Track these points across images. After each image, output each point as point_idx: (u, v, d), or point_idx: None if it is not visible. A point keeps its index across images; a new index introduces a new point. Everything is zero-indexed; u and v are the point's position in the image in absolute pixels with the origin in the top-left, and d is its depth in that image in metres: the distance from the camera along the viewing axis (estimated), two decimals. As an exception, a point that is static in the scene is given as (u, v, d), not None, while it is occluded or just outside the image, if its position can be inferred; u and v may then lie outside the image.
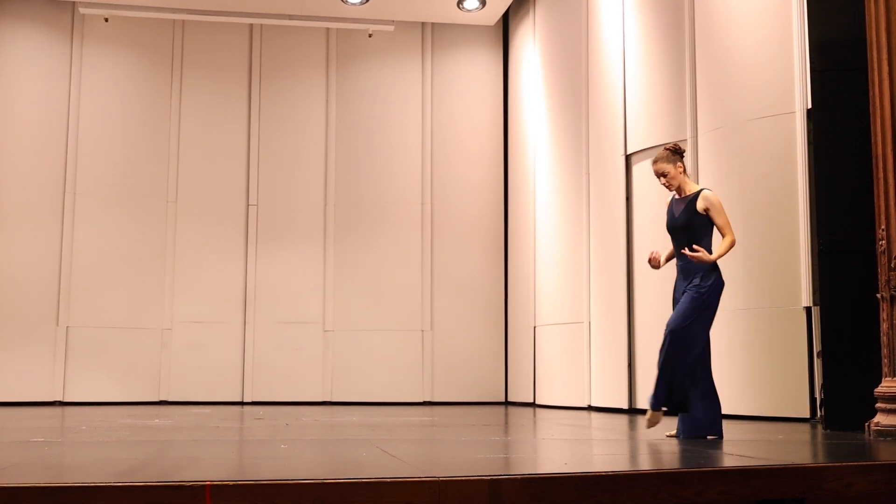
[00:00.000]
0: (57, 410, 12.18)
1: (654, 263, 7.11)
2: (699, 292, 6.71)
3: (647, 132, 11.20)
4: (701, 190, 6.90)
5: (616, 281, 11.61)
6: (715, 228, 6.84)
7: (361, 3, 14.31)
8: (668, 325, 6.78)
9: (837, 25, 8.27)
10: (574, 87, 12.92)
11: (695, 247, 6.67)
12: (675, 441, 6.51)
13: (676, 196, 7.04)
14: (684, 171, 6.98)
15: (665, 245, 10.14)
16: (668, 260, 7.19)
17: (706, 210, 6.79)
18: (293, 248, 14.71)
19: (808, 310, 8.97)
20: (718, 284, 6.75)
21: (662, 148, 7.11)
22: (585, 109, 12.59)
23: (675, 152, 6.97)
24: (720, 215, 6.78)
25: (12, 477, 4.25)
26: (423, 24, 15.41)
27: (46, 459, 5.29)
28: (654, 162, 7.06)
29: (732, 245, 6.71)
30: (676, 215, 6.97)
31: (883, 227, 6.90)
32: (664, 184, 7.00)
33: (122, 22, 14.58)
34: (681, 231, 6.91)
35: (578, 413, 11.51)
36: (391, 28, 14.97)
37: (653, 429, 6.82)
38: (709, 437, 6.54)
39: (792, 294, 9.12)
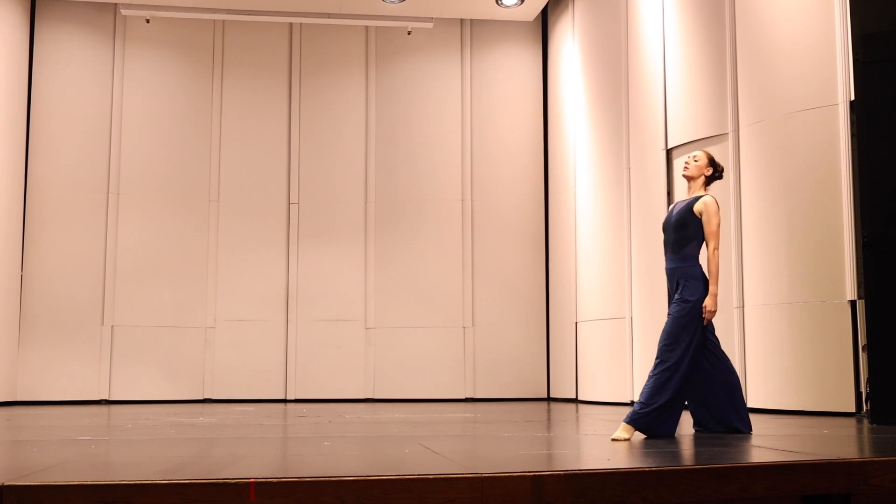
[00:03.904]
0: (103, 409, 12.29)
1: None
2: (683, 306, 6.76)
3: (688, 126, 11.13)
4: (704, 194, 6.97)
5: (657, 276, 11.53)
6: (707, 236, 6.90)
7: (400, 1, 14.32)
8: (659, 343, 6.79)
9: (880, 16, 8.18)
10: (614, 82, 12.86)
11: (705, 307, 6.72)
12: (718, 436, 6.47)
13: (684, 196, 7.17)
14: (707, 182, 7.06)
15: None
16: None
17: (700, 213, 6.86)
18: (334, 245, 14.76)
19: (853, 303, 8.89)
20: (703, 296, 6.77)
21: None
22: (625, 104, 12.53)
23: (715, 163, 7.12)
24: (711, 222, 6.83)
25: (60, 475, 4.30)
26: (461, 20, 15.40)
27: (93, 457, 5.34)
28: (699, 150, 7.29)
29: (716, 257, 6.78)
30: (674, 213, 7.06)
31: (928, 219, 6.82)
32: (686, 165, 7.08)
33: (164, 23, 14.69)
34: (672, 228, 6.99)
35: (621, 408, 11.46)
36: (430, 25, 14.97)
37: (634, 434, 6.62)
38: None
39: (836, 288, 9.03)
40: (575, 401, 13.53)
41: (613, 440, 6.26)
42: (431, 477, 4.10)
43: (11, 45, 13.65)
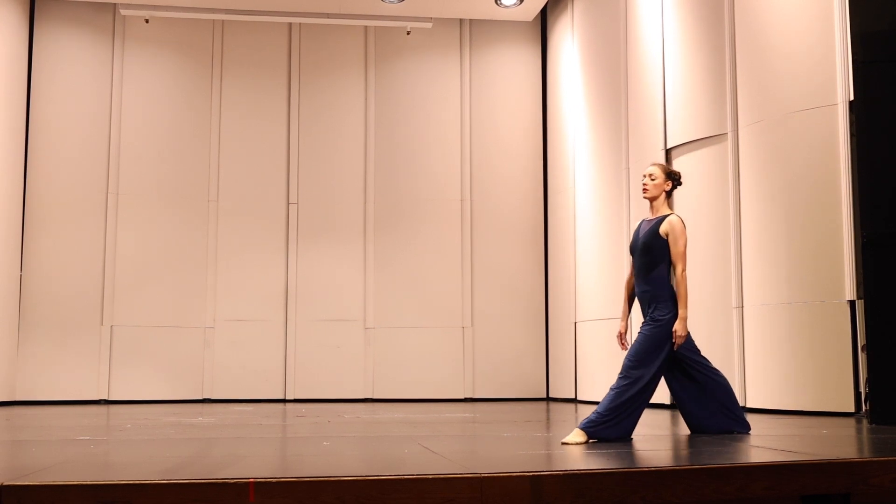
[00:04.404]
0: (102, 409, 12.30)
1: (621, 340, 7.04)
2: (653, 325, 6.63)
3: (688, 126, 11.13)
4: (669, 214, 6.83)
5: (657, 276, 11.54)
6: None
7: (399, 1, 14.32)
8: (625, 360, 6.64)
9: (880, 16, 8.18)
10: (613, 82, 12.86)
11: (675, 332, 6.57)
12: (717, 436, 6.47)
13: (647, 217, 7.00)
14: (668, 195, 6.94)
15: (698, 244, 10.09)
16: (630, 300, 7.11)
17: (666, 234, 6.71)
18: (333, 245, 14.76)
19: (852, 303, 8.89)
20: (674, 317, 6.63)
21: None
22: (625, 104, 12.53)
23: (674, 174, 7.00)
24: (677, 243, 6.68)
25: (59, 475, 4.30)
26: (460, 20, 15.41)
27: (92, 457, 5.34)
28: (653, 164, 7.09)
29: (684, 280, 6.61)
30: (640, 235, 6.87)
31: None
32: (645, 184, 6.92)
33: (163, 23, 14.69)
34: (639, 252, 6.82)
35: (620, 409, 11.44)
36: (429, 25, 14.97)
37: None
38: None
39: (835, 288, 9.04)
40: (574, 401, 13.53)
41: (564, 444, 6.03)
42: (430, 477, 4.10)
43: (11, 45, 13.65)
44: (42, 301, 13.95)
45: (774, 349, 9.59)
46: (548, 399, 14.66)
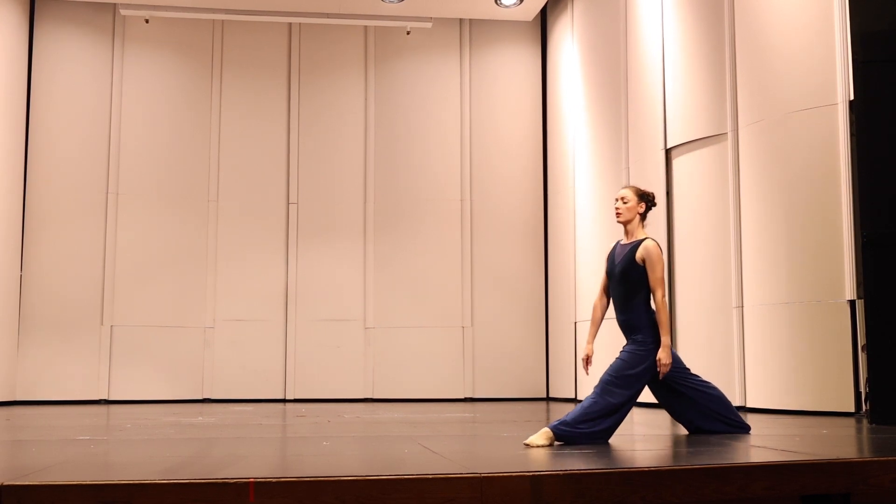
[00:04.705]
0: (102, 409, 12.29)
1: (586, 365, 6.80)
2: (642, 350, 6.41)
3: (687, 126, 11.13)
4: (644, 239, 6.58)
5: (657, 276, 11.54)
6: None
7: (399, 1, 14.32)
8: (604, 375, 6.40)
9: (880, 16, 8.18)
10: (613, 82, 12.86)
11: (659, 360, 6.34)
12: (717, 436, 6.47)
13: (622, 241, 6.76)
14: (643, 218, 6.70)
15: (698, 244, 10.09)
16: (599, 324, 6.88)
17: (643, 260, 6.49)
18: (333, 245, 14.76)
19: (852, 303, 8.89)
20: (657, 345, 6.41)
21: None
22: (625, 104, 12.53)
23: (647, 195, 6.75)
24: (655, 269, 6.44)
25: (59, 475, 4.30)
26: (460, 20, 15.41)
27: (92, 457, 5.34)
28: (624, 187, 6.88)
29: (664, 306, 6.39)
30: (616, 262, 6.65)
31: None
32: (617, 208, 6.70)
33: (163, 23, 14.69)
34: (617, 280, 6.61)
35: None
36: (429, 25, 14.97)
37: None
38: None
39: (835, 287, 9.03)
40: (574, 400, 13.53)
41: (526, 445, 5.83)
42: (431, 477, 4.10)
43: (11, 45, 13.65)
44: (42, 301, 13.95)
45: (774, 349, 9.58)
46: (548, 399, 14.66)
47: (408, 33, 15.16)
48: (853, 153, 8.86)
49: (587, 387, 13.07)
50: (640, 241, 6.57)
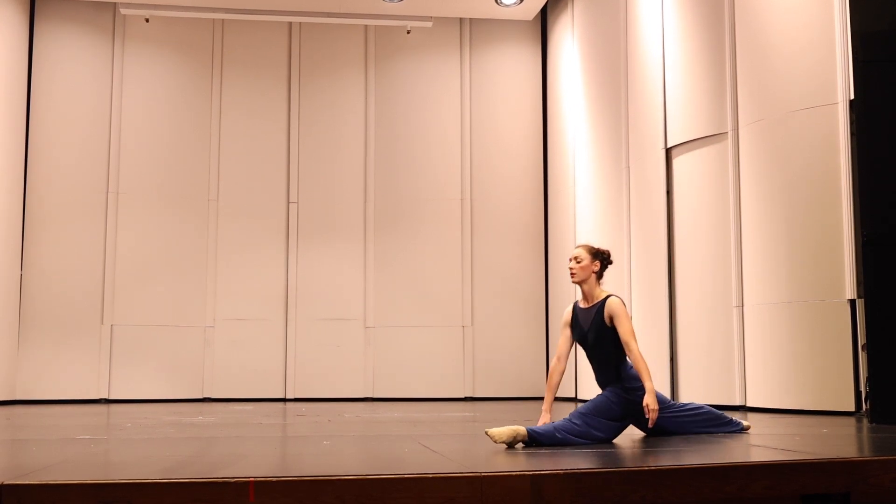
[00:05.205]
0: (102, 408, 12.29)
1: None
2: (629, 391, 6.22)
3: (688, 125, 11.13)
4: (607, 297, 6.35)
5: (657, 275, 11.56)
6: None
7: (399, 0, 14.32)
8: (582, 407, 6.21)
9: (880, 16, 8.18)
10: (613, 81, 12.85)
11: (647, 406, 6.09)
12: (717, 436, 6.46)
13: (582, 304, 6.51)
14: (599, 276, 6.46)
15: (698, 243, 10.06)
16: (556, 390, 6.53)
17: (611, 319, 6.28)
18: (333, 245, 14.76)
19: (853, 302, 8.88)
20: (643, 390, 6.21)
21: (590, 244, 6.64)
22: (625, 103, 12.53)
23: (601, 253, 6.53)
24: (623, 324, 6.21)
25: (59, 474, 4.30)
26: (461, 19, 15.40)
27: (92, 457, 5.34)
28: (578, 246, 6.66)
29: (641, 356, 6.14)
30: (586, 329, 6.40)
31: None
32: (571, 268, 6.46)
33: (163, 22, 14.69)
34: (592, 347, 6.40)
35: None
36: (429, 24, 14.97)
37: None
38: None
39: (836, 287, 9.03)
40: (574, 400, 13.52)
41: (488, 433, 5.70)
42: (431, 476, 4.10)
43: (11, 45, 13.65)
44: (42, 300, 13.95)
45: (775, 348, 9.58)
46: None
47: (408, 32, 15.16)
48: (853, 153, 8.86)
49: (587, 386, 13.08)
50: (604, 301, 6.36)
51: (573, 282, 6.53)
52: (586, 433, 5.97)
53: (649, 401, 6.10)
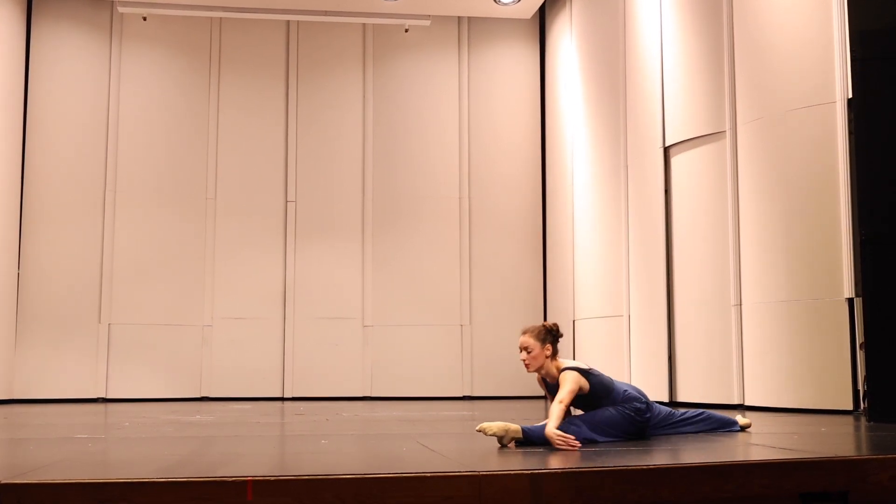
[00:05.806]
0: (100, 407, 12.29)
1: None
2: (629, 410, 6.11)
3: (686, 124, 11.13)
4: (563, 370, 6.07)
5: (655, 274, 11.56)
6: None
7: (397, -1, 14.33)
8: (578, 418, 6.13)
9: (878, 14, 8.18)
10: (612, 79, 12.85)
11: (549, 437, 5.64)
12: (716, 435, 6.46)
13: (549, 378, 6.24)
14: (553, 354, 6.15)
15: (697, 242, 10.07)
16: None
17: (582, 388, 6.02)
18: (332, 244, 14.75)
19: (851, 301, 8.89)
20: (639, 410, 6.15)
21: (539, 324, 6.26)
22: (623, 101, 12.52)
23: (549, 332, 6.15)
24: (563, 389, 5.91)
25: (57, 473, 4.30)
26: (459, 18, 15.39)
27: (90, 456, 5.34)
28: (523, 332, 6.22)
29: (559, 406, 5.80)
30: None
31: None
32: (523, 359, 6.14)
33: (161, 20, 14.68)
34: (581, 408, 6.26)
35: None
36: (427, 23, 14.96)
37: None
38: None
39: (834, 285, 9.03)
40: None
41: (479, 427, 5.65)
42: (429, 475, 4.09)
43: (8, 42, 13.63)
44: (40, 299, 13.93)
45: (773, 347, 9.58)
46: (546, 397, 14.63)
47: (406, 31, 15.15)
48: (852, 151, 8.86)
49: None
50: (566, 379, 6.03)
51: (529, 372, 6.24)
52: (584, 436, 5.95)
53: (550, 433, 5.62)
